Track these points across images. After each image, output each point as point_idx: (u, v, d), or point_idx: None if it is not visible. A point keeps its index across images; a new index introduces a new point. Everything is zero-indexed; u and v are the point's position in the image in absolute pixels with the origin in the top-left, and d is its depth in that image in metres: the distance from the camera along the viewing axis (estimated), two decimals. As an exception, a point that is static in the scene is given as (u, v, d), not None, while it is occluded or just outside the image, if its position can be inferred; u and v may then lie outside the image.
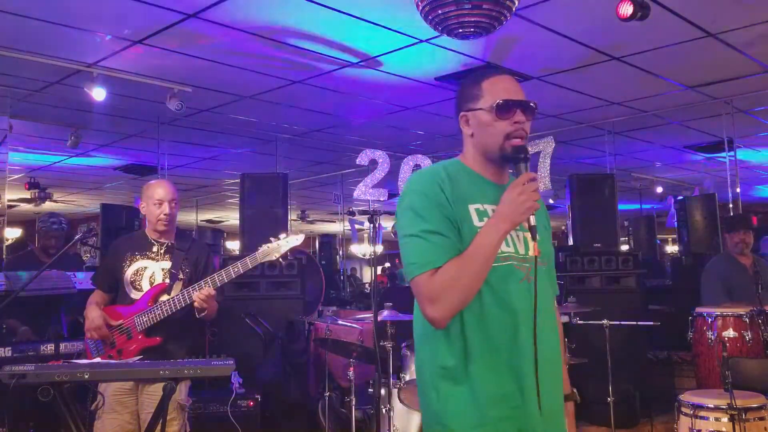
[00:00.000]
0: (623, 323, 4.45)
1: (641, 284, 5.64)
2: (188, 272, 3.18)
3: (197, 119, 6.59)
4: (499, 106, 1.71)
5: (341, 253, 13.18)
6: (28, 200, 10.48)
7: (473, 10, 3.24)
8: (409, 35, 4.49)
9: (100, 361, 2.77)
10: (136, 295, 3.09)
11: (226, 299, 5.25)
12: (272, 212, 5.60)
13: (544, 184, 6.00)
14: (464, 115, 1.79)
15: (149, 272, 3.13)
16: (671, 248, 14.67)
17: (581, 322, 4.60)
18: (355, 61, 4.97)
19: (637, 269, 5.60)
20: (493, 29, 3.40)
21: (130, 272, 3.12)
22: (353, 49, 4.73)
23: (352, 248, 15.02)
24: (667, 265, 9.77)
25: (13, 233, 12.61)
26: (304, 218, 14.60)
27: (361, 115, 6.63)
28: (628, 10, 3.66)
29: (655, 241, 10.64)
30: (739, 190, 6.41)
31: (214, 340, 5.30)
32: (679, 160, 9.44)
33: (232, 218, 15.03)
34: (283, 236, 3.04)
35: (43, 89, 5.53)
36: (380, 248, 10.52)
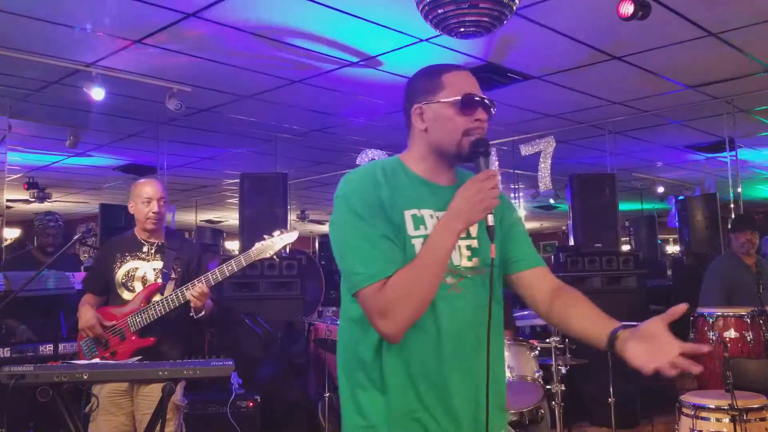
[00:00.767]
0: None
1: (642, 284, 5.63)
2: (180, 272, 3.15)
3: (197, 119, 6.58)
4: (464, 99, 1.57)
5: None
6: (26, 200, 10.46)
7: (474, 9, 3.23)
8: (409, 35, 4.48)
9: (99, 361, 2.76)
10: (128, 296, 3.07)
11: (225, 299, 5.30)
12: (272, 212, 5.60)
13: (545, 184, 6.00)
14: (419, 107, 1.64)
15: (141, 273, 3.11)
16: (672, 248, 14.65)
17: (582, 322, 4.58)
18: (355, 60, 4.96)
19: (638, 269, 5.59)
20: (493, 28, 3.39)
21: (121, 273, 3.10)
22: (353, 48, 4.72)
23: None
24: (668, 265, 9.76)
25: (11, 233, 12.61)
26: (304, 218, 14.58)
27: (361, 115, 6.62)
28: (628, 9, 3.65)
29: (656, 241, 10.63)
30: (740, 189, 6.40)
31: (213, 340, 5.30)
32: (680, 159, 9.43)
33: (231, 218, 15.01)
34: (277, 233, 2.98)
35: (42, 89, 5.51)
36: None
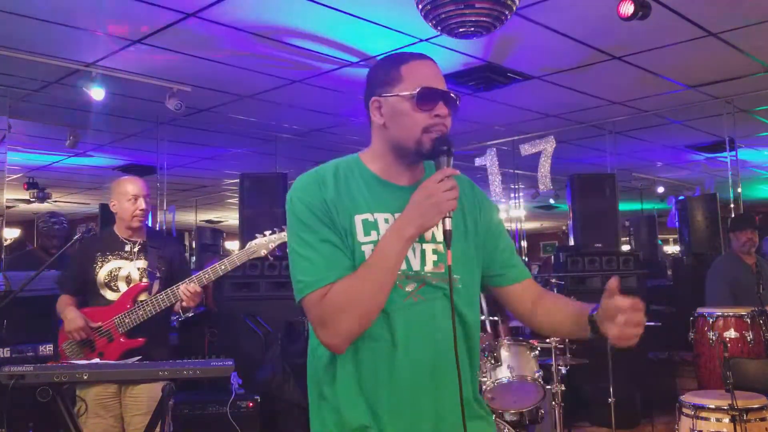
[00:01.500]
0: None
1: (642, 284, 5.63)
2: (164, 270, 3.12)
3: (197, 119, 6.58)
4: (420, 94, 1.43)
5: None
6: (26, 200, 10.45)
7: (473, 9, 3.23)
8: (409, 35, 4.48)
9: (99, 361, 2.75)
10: (112, 296, 3.01)
11: (225, 299, 5.30)
12: (272, 212, 5.59)
13: (545, 184, 6.00)
14: (376, 100, 1.50)
15: (124, 272, 3.05)
16: (672, 248, 14.65)
17: (582, 322, 4.58)
18: (355, 60, 4.96)
19: (638, 269, 5.60)
20: (493, 28, 3.39)
21: (103, 273, 3.03)
22: (353, 48, 4.72)
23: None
24: (668, 265, 9.76)
25: (11, 233, 12.61)
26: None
27: (361, 114, 6.61)
28: (628, 9, 3.65)
29: (656, 241, 10.62)
30: (740, 189, 6.39)
31: (213, 340, 5.29)
32: (680, 159, 9.44)
33: (231, 218, 15.01)
34: (268, 233, 2.99)
35: (41, 89, 5.51)
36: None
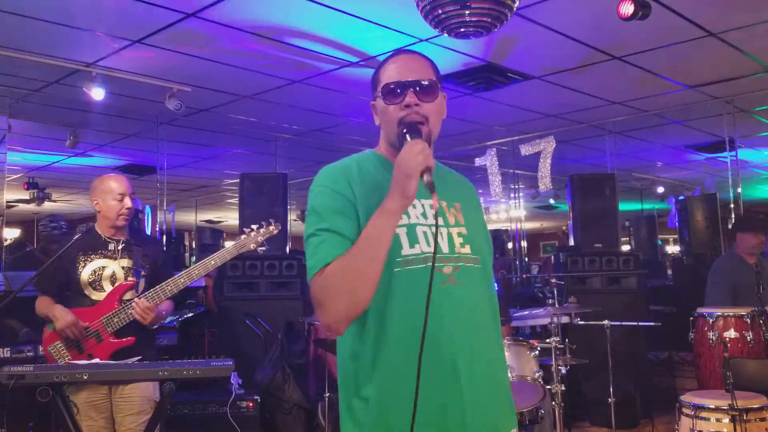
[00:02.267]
0: (624, 324, 4.44)
1: (642, 284, 5.63)
2: (149, 268, 3.10)
3: (197, 119, 6.58)
4: (383, 90, 1.54)
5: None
6: (26, 200, 10.45)
7: (474, 9, 3.23)
8: (409, 35, 4.47)
9: (99, 361, 2.75)
10: (97, 296, 2.96)
11: (225, 299, 5.30)
12: (272, 212, 5.58)
13: (545, 184, 6.00)
14: (372, 103, 1.63)
15: (109, 271, 3.01)
16: (672, 248, 14.65)
17: (582, 322, 4.60)
18: (355, 60, 4.96)
19: (638, 269, 5.60)
20: (494, 28, 3.39)
21: (86, 273, 2.98)
22: (353, 48, 4.72)
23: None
24: (668, 265, 9.76)
25: (11, 233, 12.60)
26: (304, 218, 14.56)
27: (361, 115, 6.62)
28: (628, 9, 3.65)
29: (656, 241, 10.63)
30: (740, 190, 6.39)
31: (213, 340, 5.30)
32: (680, 160, 9.44)
33: (231, 218, 15.01)
34: (255, 226, 3.07)
35: (42, 89, 5.51)
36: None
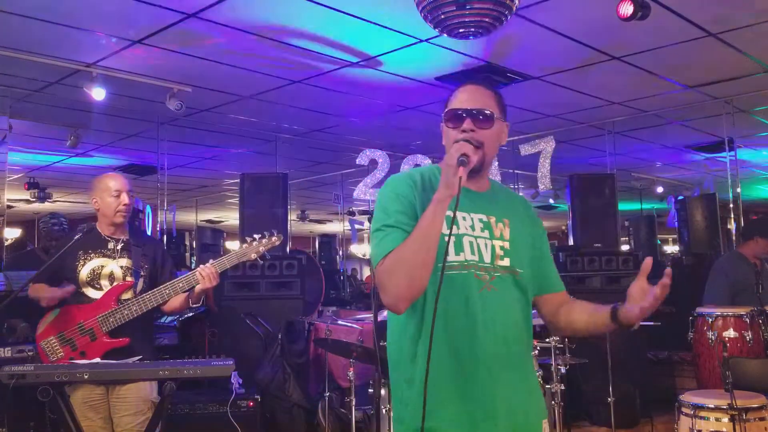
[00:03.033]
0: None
1: (642, 284, 5.62)
2: (148, 269, 3.10)
3: (197, 119, 6.58)
4: (445, 116, 1.77)
5: (341, 253, 13.16)
6: (27, 200, 10.46)
7: (473, 9, 3.23)
8: (409, 35, 4.48)
9: (100, 361, 2.75)
10: (94, 294, 2.97)
11: (225, 299, 5.31)
12: (272, 212, 5.60)
13: (545, 184, 6.00)
14: (442, 125, 1.83)
15: (108, 270, 3.01)
16: (672, 248, 14.66)
17: (582, 322, 4.59)
18: (355, 61, 4.97)
19: (637, 269, 5.51)
20: (493, 29, 3.39)
21: (85, 271, 2.99)
22: (353, 49, 4.72)
23: (352, 248, 15.00)
24: (667, 265, 9.75)
25: (12, 233, 12.61)
26: (304, 218, 14.58)
27: (361, 115, 6.62)
28: (628, 9, 3.65)
29: (655, 241, 10.63)
30: (739, 189, 6.40)
31: (213, 340, 5.30)
32: (679, 159, 9.44)
33: (232, 218, 15.01)
34: (258, 236, 3.02)
35: (42, 89, 5.52)
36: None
